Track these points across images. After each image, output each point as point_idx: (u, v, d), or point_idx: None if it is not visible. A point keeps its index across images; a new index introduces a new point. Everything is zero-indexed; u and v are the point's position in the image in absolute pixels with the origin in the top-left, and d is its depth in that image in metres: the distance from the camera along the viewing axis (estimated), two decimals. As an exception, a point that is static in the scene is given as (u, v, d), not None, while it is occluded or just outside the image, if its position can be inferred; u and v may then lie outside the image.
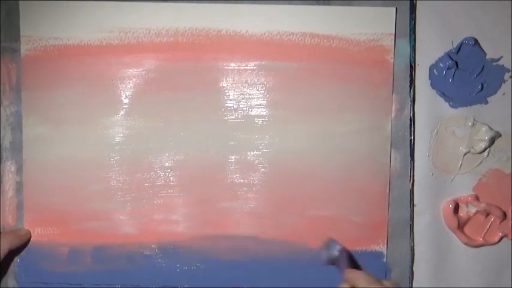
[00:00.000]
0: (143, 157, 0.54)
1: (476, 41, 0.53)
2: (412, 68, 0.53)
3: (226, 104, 0.54)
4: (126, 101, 0.54)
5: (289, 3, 0.53)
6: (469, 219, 0.55)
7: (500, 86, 0.54)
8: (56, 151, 0.54)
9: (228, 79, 0.53)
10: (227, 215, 0.54)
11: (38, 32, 0.53)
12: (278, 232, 0.54)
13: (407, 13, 0.53)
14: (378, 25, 0.53)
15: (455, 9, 0.53)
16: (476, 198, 0.55)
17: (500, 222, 0.55)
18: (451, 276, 0.56)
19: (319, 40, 0.53)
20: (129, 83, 0.53)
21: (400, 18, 0.53)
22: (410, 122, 0.54)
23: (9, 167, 0.54)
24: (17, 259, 0.54)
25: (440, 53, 0.54)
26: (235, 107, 0.54)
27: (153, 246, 0.54)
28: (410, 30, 0.53)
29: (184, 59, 0.53)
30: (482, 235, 0.56)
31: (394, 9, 0.52)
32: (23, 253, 0.54)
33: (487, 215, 0.55)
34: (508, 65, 0.54)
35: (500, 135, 0.55)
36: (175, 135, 0.54)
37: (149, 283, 0.55)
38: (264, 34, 0.53)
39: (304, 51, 0.53)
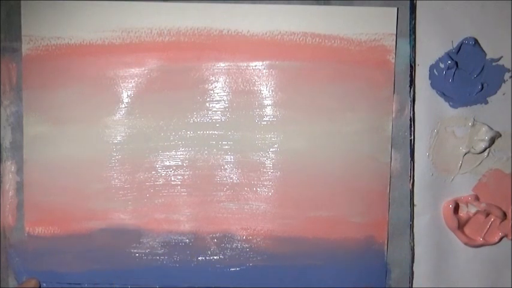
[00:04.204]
0: (144, 156, 0.54)
1: (476, 41, 0.53)
2: (412, 68, 0.53)
3: (227, 104, 0.54)
4: (127, 100, 0.54)
5: (291, 3, 0.53)
6: (469, 219, 0.55)
7: (500, 86, 0.55)
8: (57, 150, 0.54)
9: (229, 79, 0.54)
10: (228, 215, 0.54)
11: (39, 31, 0.53)
12: (278, 232, 0.54)
13: (407, 13, 0.53)
14: (379, 25, 0.53)
15: (455, 9, 0.53)
16: (476, 198, 0.55)
17: (500, 222, 0.55)
18: (451, 276, 0.56)
19: (320, 40, 0.53)
20: (130, 82, 0.53)
21: (400, 18, 0.53)
22: (411, 122, 0.54)
23: (10, 166, 0.54)
24: (17, 259, 0.54)
25: (440, 53, 0.54)
26: (236, 106, 0.54)
27: (154, 245, 0.54)
28: (410, 30, 0.53)
29: (186, 59, 0.53)
30: (482, 235, 0.56)
31: (396, 9, 0.52)
32: (23, 253, 0.54)
33: (487, 215, 0.55)
34: (508, 65, 0.54)
35: (500, 135, 0.55)
36: (177, 134, 0.54)
37: (150, 283, 0.55)
38: (266, 34, 0.53)
39: (306, 51, 0.53)
